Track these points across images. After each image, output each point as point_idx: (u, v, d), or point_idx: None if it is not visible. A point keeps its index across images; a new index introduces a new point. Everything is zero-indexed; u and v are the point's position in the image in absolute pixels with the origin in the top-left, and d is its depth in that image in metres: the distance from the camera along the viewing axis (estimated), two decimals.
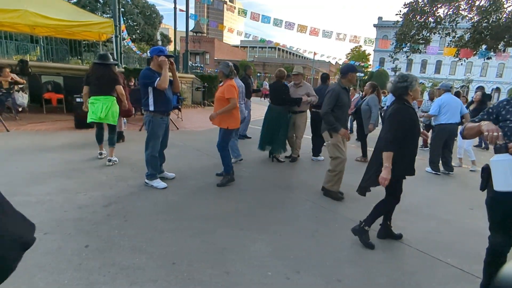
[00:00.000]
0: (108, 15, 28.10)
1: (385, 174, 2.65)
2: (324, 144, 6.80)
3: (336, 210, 3.71)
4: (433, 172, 5.75)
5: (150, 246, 2.63)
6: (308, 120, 5.98)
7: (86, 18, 6.48)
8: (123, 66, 9.87)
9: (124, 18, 30.22)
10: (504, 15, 9.72)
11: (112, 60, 4.80)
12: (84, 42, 11.76)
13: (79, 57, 13.78)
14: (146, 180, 4.01)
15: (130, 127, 7.25)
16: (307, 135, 6.14)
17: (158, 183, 3.99)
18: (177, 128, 7.83)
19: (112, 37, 7.20)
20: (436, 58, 48.17)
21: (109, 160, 4.70)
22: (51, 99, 8.28)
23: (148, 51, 4.08)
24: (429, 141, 6.56)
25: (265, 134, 5.57)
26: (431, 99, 7.70)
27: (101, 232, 2.80)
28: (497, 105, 2.06)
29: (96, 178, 4.14)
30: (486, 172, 2.13)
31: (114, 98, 4.76)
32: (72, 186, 3.78)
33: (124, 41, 21.90)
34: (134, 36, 33.33)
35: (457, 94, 6.94)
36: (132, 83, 8.91)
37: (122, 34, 17.25)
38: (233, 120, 4.24)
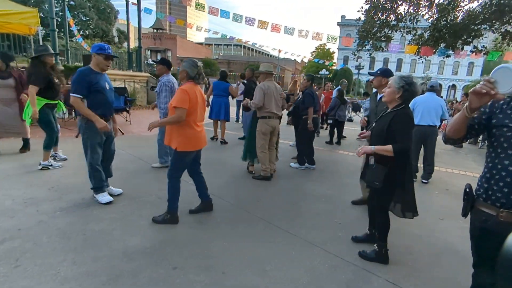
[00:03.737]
0: (57, 9, 26.04)
1: (368, 149, 2.56)
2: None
3: (293, 231, 3.15)
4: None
5: None
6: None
7: (2, 7, 5.42)
8: (63, 64, 8.75)
9: (75, 12, 28.03)
10: (461, 14, 9.80)
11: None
12: (29, 37, 10.41)
13: (24, 54, 12.25)
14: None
15: (65, 133, 6.29)
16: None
17: (103, 197, 3.43)
18: (122, 133, 6.92)
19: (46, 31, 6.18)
20: (397, 56, 50.04)
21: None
22: None
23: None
24: None
25: (249, 143, 4.94)
26: None
27: None
28: (492, 104, 1.58)
29: None
30: (470, 195, 1.67)
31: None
32: None
33: (75, 37, 20.23)
34: (87, 32, 31.11)
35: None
36: None
37: (71, 29, 15.78)
38: (183, 139, 2.98)
